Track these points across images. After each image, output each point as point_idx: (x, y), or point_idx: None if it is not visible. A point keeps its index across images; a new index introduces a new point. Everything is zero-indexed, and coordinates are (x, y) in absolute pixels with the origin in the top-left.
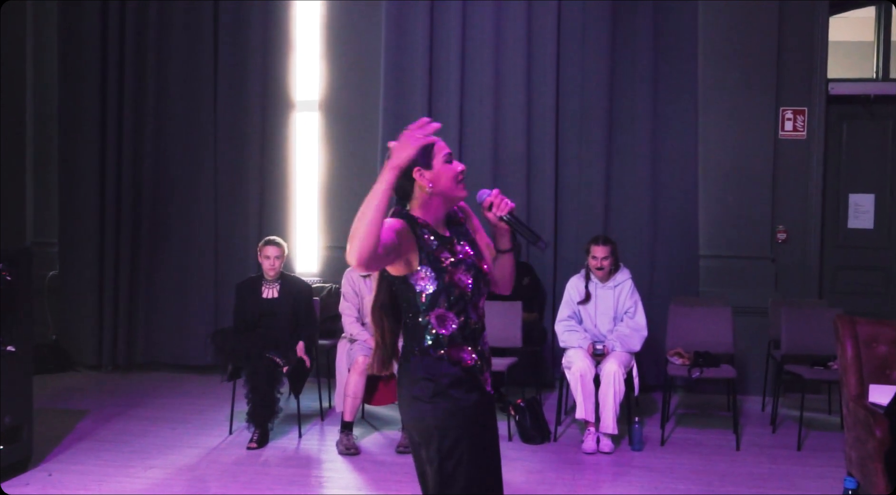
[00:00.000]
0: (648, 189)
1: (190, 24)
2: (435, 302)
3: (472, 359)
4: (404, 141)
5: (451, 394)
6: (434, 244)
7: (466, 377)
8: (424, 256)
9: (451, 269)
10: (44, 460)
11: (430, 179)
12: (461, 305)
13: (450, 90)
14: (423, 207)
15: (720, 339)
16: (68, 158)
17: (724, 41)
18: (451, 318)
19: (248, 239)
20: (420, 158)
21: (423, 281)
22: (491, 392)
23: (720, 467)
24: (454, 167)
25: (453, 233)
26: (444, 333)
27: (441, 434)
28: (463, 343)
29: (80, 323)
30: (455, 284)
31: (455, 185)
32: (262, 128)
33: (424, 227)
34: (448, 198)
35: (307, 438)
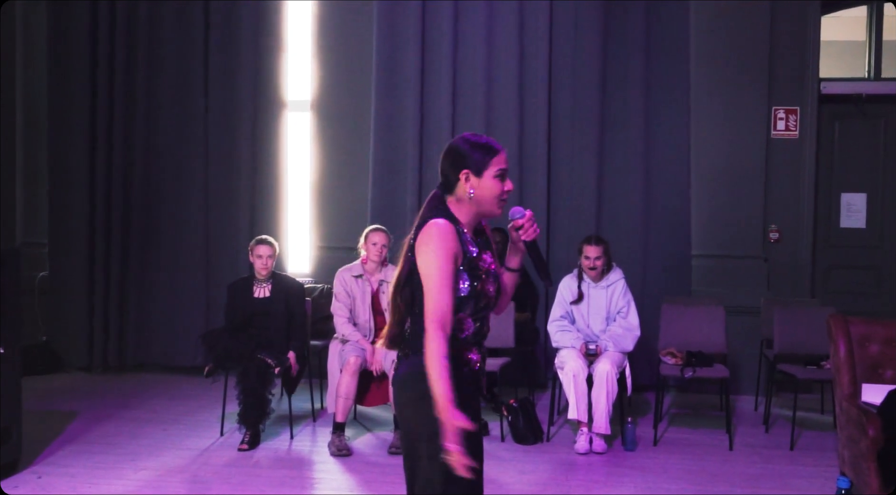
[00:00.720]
0: (641, 189)
1: (180, 24)
2: (464, 306)
3: (477, 360)
4: (454, 461)
5: (462, 392)
6: (475, 252)
7: (472, 378)
8: (466, 260)
9: (484, 278)
10: (33, 462)
11: (473, 186)
12: (483, 313)
13: (441, 90)
14: (459, 206)
15: (713, 339)
16: (58, 159)
17: (716, 41)
18: (470, 324)
19: (239, 239)
20: (473, 163)
21: (460, 282)
22: (484, 392)
23: (713, 467)
24: (503, 185)
25: (480, 241)
26: (461, 336)
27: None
28: (473, 344)
29: (71, 324)
30: (484, 293)
31: (495, 203)
32: (253, 128)
33: (464, 234)
34: (482, 211)
35: (299, 439)
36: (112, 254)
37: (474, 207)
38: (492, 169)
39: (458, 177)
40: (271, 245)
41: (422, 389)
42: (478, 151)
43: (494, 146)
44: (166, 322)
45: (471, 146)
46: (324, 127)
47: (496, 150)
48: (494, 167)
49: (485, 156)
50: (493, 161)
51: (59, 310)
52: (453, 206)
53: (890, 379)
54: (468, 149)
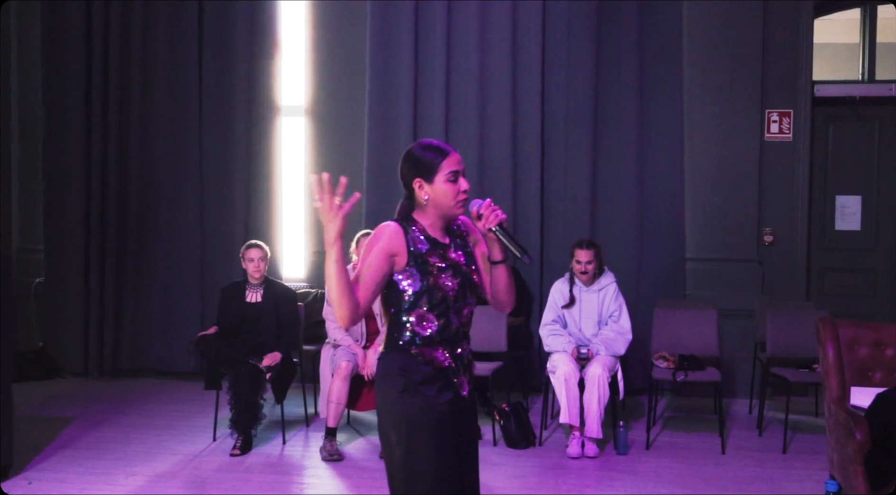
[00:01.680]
0: (634, 192)
1: (175, 26)
2: (417, 302)
3: (445, 360)
4: (323, 218)
5: (422, 391)
6: (424, 248)
7: (439, 376)
8: (412, 257)
9: (437, 273)
10: (25, 468)
11: (427, 193)
12: (442, 308)
13: (435, 93)
14: (421, 212)
15: (705, 342)
16: (53, 164)
17: (709, 43)
18: (431, 320)
19: (233, 244)
20: (423, 171)
21: (408, 280)
22: (466, 396)
23: (705, 470)
24: (457, 186)
25: (452, 241)
26: (422, 333)
27: (409, 427)
28: (439, 344)
29: (67, 329)
30: (439, 287)
31: (453, 204)
32: (247, 133)
33: (419, 231)
34: (443, 213)
35: (291, 444)
36: (107, 259)
37: (435, 210)
38: (442, 173)
39: (411, 185)
40: (262, 248)
41: (386, 384)
42: (426, 157)
43: (444, 149)
44: (161, 327)
45: (420, 152)
46: (318, 131)
47: (445, 153)
48: (445, 170)
49: (433, 161)
50: (443, 165)
51: (56, 316)
52: (417, 213)
53: (879, 382)
54: (416, 159)
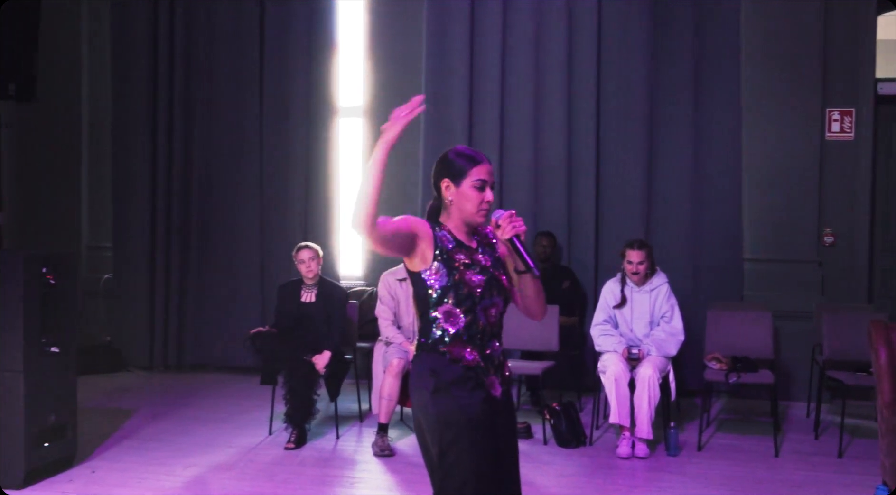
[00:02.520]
0: (690, 192)
1: (237, 27)
2: (444, 297)
3: (473, 358)
4: (393, 120)
5: (453, 392)
6: (450, 244)
7: (469, 375)
8: (439, 253)
9: (463, 269)
10: (88, 457)
11: (453, 196)
12: (469, 304)
13: (490, 94)
14: (446, 215)
15: (760, 344)
16: (121, 163)
17: (768, 41)
18: (458, 316)
19: (292, 243)
20: (453, 173)
21: (434, 276)
22: (498, 396)
23: (757, 473)
24: (482, 195)
25: (479, 246)
26: (450, 330)
27: (442, 427)
28: (468, 342)
29: (133, 324)
30: (465, 282)
31: (475, 212)
32: (306, 134)
33: (446, 232)
34: (465, 218)
35: (344, 439)
36: (172, 257)
37: (458, 213)
38: (470, 179)
39: (439, 185)
40: (312, 249)
41: (419, 384)
42: (459, 162)
43: (477, 157)
44: (223, 323)
45: (454, 157)
46: (375, 131)
47: (477, 161)
48: (473, 177)
49: (465, 166)
50: (473, 171)
51: (123, 312)
52: (443, 216)
53: None
54: (449, 161)
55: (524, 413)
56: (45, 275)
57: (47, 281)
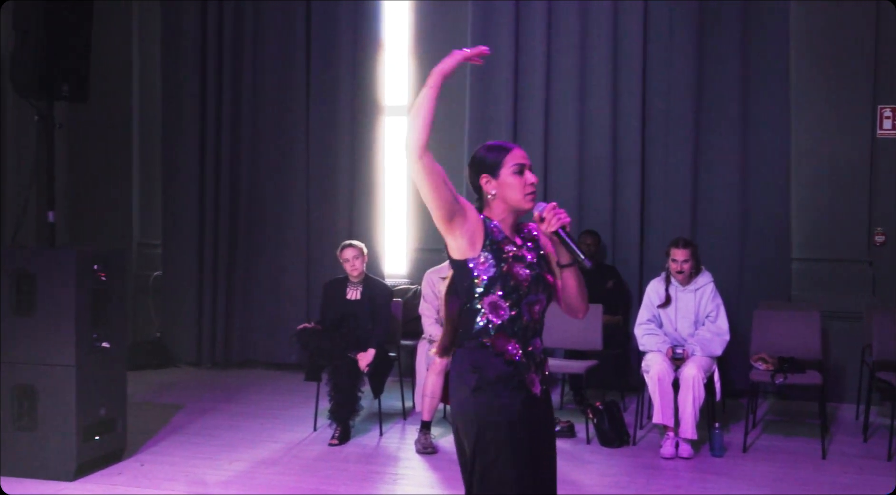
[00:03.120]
0: (737, 191)
1: (284, 26)
2: (491, 288)
3: (516, 353)
4: (450, 55)
5: (495, 390)
6: (500, 235)
7: (512, 373)
8: (489, 243)
9: (511, 261)
10: (138, 451)
11: (494, 187)
12: (515, 297)
13: (534, 93)
14: (492, 210)
15: (807, 345)
16: (171, 162)
17: (817, 37)
18: (504, 308)
19: (338, 241)
20: (488, 167)
21: (482, 266)
22: (538, 395)
23: (802, 475)
24: (523, 179)
25: (524, 243)
26: (495, 321)
27: (480, 428)
28: (512, 336)
29: (181, 321)
30: (513, 275)
31: (521, 197)
32: (352, 133)
33: (495, 226)
34: (512, 208)
35: (388, 436)
36: (220, 254)
37: (503, 205)
38: (507, 167)
39: (479, 183)
40: (356, 247)
41: (459, 382)
42: (491, 154)
43: (506, 146)
44: (269, 321)
45: (484, 152)
46: None
47: (508, 149)
48: (509, 164)
49: (497, 158)
50: (507, 159)
51: (172, 308)
52: (486, 211)
53: None
54: (482, 156)
55: (567, 412)
56: (96, 272)
57: (99, 277)
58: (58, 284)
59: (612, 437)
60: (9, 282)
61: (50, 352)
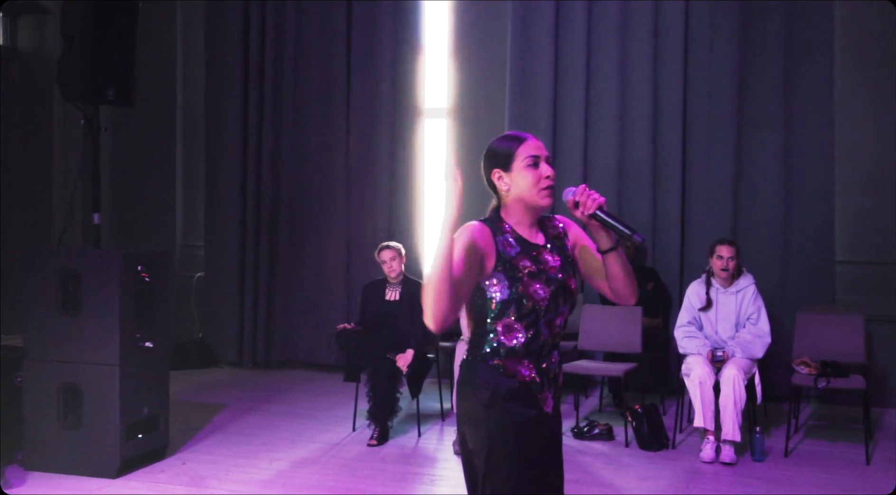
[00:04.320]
0: (780, 192)
1: (324, 28)
2: (504, 311)
3: (529, 374)
4: (448, 202)
5: (508, 407)
6: (513, 251)
7: (525, 392)
8: (500, 263)
9: (527, 280)
10: (180, 449)
11: (507, 182)
12: (531, 319)
13: (575, 94)
14: (506, 209)
15: (851, 349)
16: (213, 164)
17: (862, 37)
18: (519, 330)
19: (377, 242)
20: (500, 160)
21: (495, 287)
22: (549, 412)
23: (845, 481)
24: (538, 171)
25: (548, 241)
26: (507, 344)
27: (491, 446)
28: (525, 357)
29: (224, 322)
30: (529, 295)
31: (536, 192)
32: (391, 135)
33: (508, 233)
34: (529, 204)
35: (426, 437)
36: (261, 256)
37: (519, 203)
38: (519, 159)
39: (492, 179)
40: (394, 248)
41: (471, 397)
42: (501, 149)
43: (519, 136)
44: (309, 322)
45: (494, 148)
46: (459, 132)
47: (521, 139)
48: (522, 156)
49: (509, 149)
50: (519, 151)
51: (214, 309)
52: (503, 212)
53: None
54: (493, 147)
55: (606, 415)
56: (140, 273)
57: (142, 278)
58: (103, 285)
59: (651, 441)
60: (55, 283)
61: (95, 351)
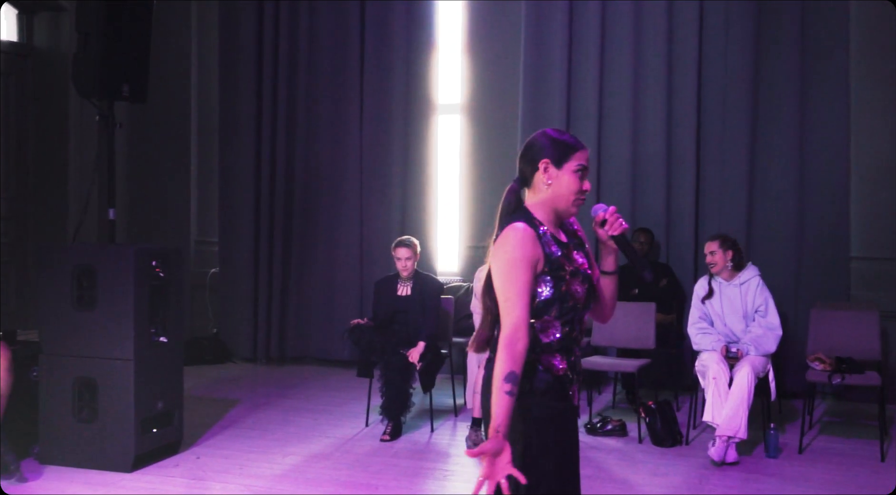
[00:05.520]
0: (795, 188)
1: (338, 26)
2: (547, 309)
3: (562, 367)
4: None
5: (544, 401)
6: (558, 253)
7: (557, 386)
8: (548, 263)
9: (570, 279)
10: (194, 444)
11: (552, 177)
12: (570, 316)
13: (588, 91)
14: (537, 205)
15: (866, 345)
16: (227, 161)
17: (877, 33)
18: (556, 327)
19: (390, 238)
20: (555, 153)
21: (542, 286)
22: (576, 405)
23: (859, 478)
24: (581, 184)
25: (570, 240)
26: (543, 340)
27: (528, 440)
28: (557, 351)
29: (238, 317)
30: (571, 294)
31: (571, 201)
32: (405, 131)
33: (547, 234)
34: (557, 207)
35: (439, 433)
36: (275, 252)
37: (550, 203)
38: (572, 163)
39: (537, 166)
40: (409, 246)
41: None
42: (560, 144)
43: (577, 143)
44: (323, 317)
45: (553, 139)
46: (473, 129)
47: (579, 147)
48: (575, 162)
49: (567, 149)
50: (575, 155)
51: (228, 305)
52: (532, 205)
53: None
54: (550, 141)
55: (620, 410)
56: (154, 269)
57: (157, 274)
58: (117, 280)
59: (664, 437)
60: (71, 278)
61: (109, 346)
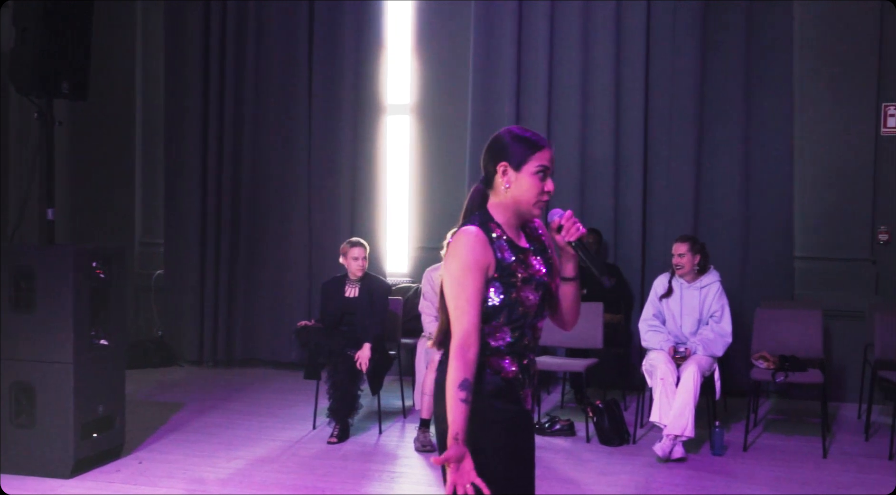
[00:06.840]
0: (741, 188)
1: (286, 26)
2: (496, 314)
3: (512, 370)
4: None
5: (493, 404)
6: (510, 257)
7: (507, 388)
8: (499, 268)
9: (521, 285)
10: (136, 448)
11: (510, 181)
12: (520, 322)
13: (537, 92)
14: (498, 206)
15: (809, 343)
16: (173, 160)
17: (821, 35)
18: (505, 333)
19: (340, 240)
20: (512, 156)
21: (491, 291)
22: (528, 409)
23: (803, 474)
24: (543, 184)
25: (531, 244)
26: (492, 344)
27: (476, 442)
28: (508, 354)
29: (184, 319)
30: (521, 301)
31: (533, 203)
32: (354, 131)
33: (501, 239)
34: (520, 210)
35: (387, 435)
36: (222, 253)
37: (511, 206)
38: (531, 164)
39: (495, 169)
40: (365, 247)
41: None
42: (520, 144)
43: (539, 141)
44: (271, 319)
45: (513, 138)
46: (422, 130)
47: (540, 146)
48: (535, 163)
49: (526, 150)
50: (535, 157)
51: (174, 307)
52: (493, 205)
53: None
54: (510, 141)
55: (568, 410)
56: (94, 269)
57: (97, 275)
58: (56, 282)
59: (612, 436)
60: (8, 279)
61: (48, 349)
